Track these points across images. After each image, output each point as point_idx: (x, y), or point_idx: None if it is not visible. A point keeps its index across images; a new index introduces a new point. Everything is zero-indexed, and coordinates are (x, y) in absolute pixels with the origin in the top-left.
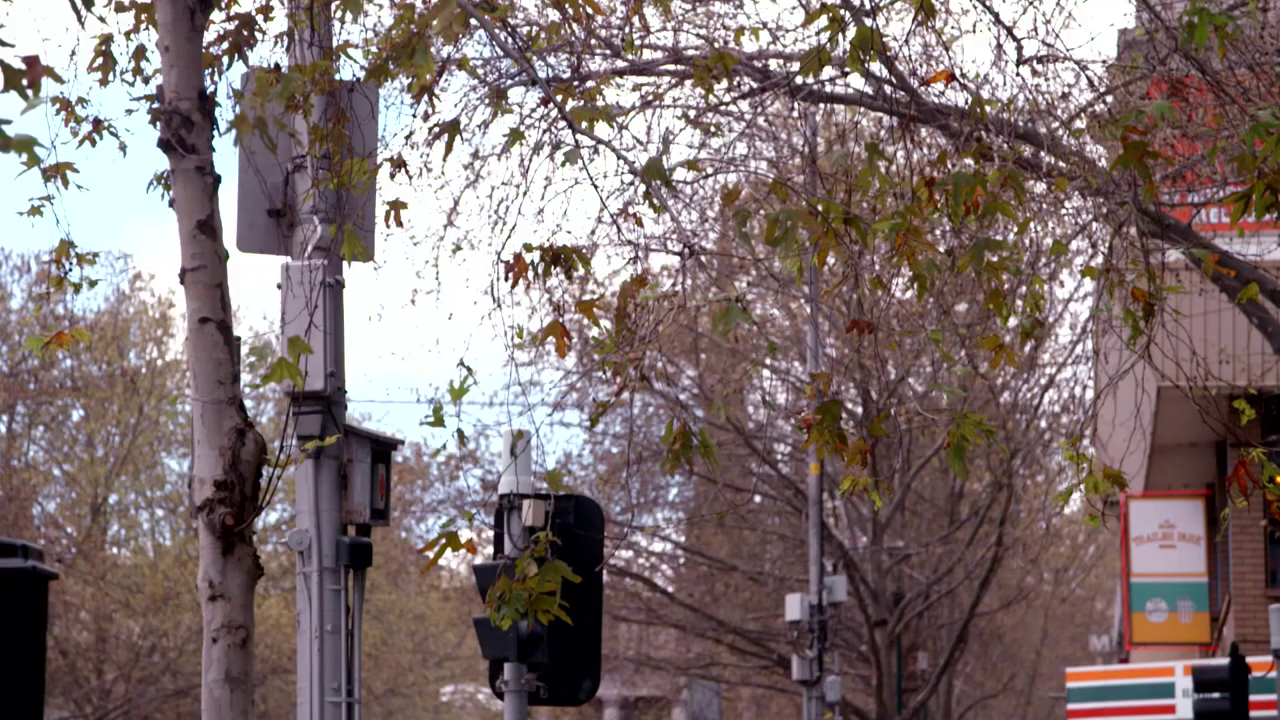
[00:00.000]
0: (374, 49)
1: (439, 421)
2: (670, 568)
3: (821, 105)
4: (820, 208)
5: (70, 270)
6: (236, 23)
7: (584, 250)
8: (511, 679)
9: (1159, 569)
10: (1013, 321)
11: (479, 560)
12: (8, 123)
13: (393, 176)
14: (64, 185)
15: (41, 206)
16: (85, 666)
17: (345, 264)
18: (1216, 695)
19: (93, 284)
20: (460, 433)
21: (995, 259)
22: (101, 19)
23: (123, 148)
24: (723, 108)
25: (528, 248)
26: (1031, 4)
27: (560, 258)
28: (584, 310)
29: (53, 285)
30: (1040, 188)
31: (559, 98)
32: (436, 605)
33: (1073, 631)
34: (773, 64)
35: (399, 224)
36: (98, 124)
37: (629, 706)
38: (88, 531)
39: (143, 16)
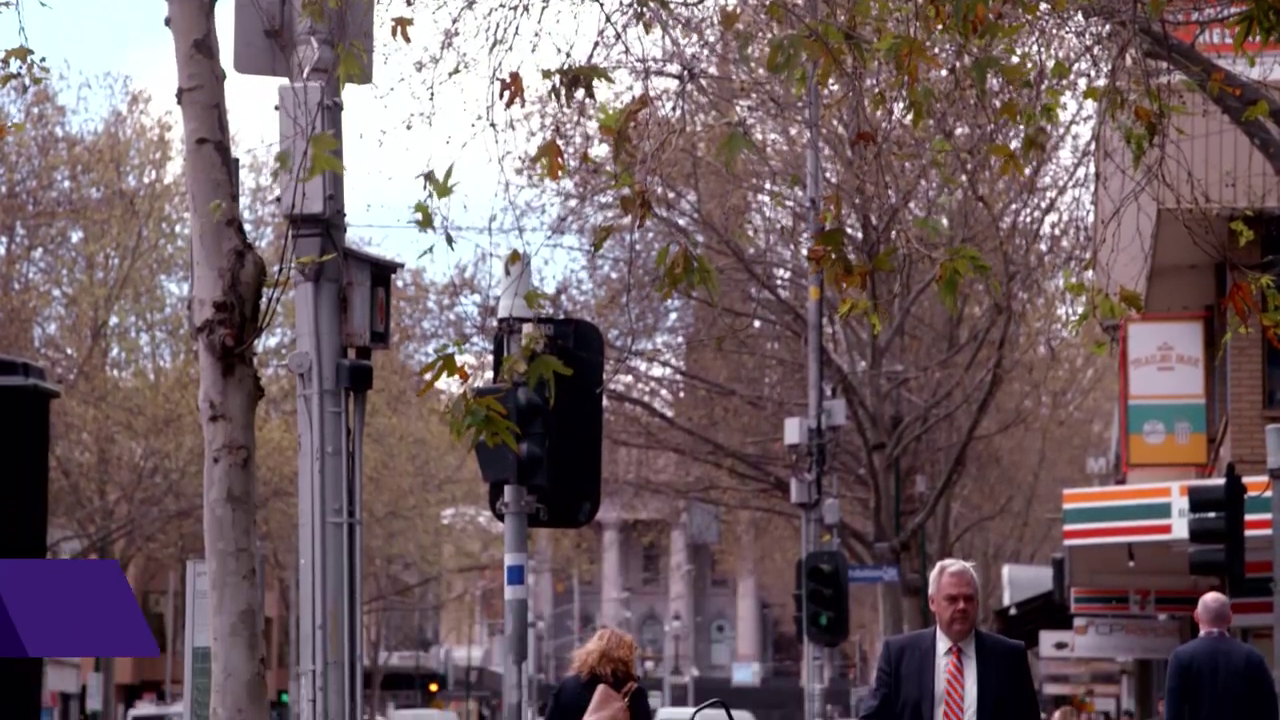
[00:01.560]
0: None
1: (426, 222)
2: (670, 392)
3: None
4: (819, 30)
5: (20, 72)
6: None
7: (600, 67)
8: (512, 501)
9: (1157, 391)
10: (1014, 145)
11: (479, 384)
12: None
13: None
14: None
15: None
16: (88, 487)
17: (342, 86)
18: (1212, 515)
19: (37, 81)
20: (448, 236)
21: (1011, 63)
22: None
23: None
24: None
25: (545, 74)
26: None
27: (579, 79)
28: (606, 132)
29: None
30: (1044, 6)
31: None
32: (437, 429)
33: (1070, 454)
34: None
35: (406, 39)
36: None
37: (628, 529)
38: (88, 353)
39: None
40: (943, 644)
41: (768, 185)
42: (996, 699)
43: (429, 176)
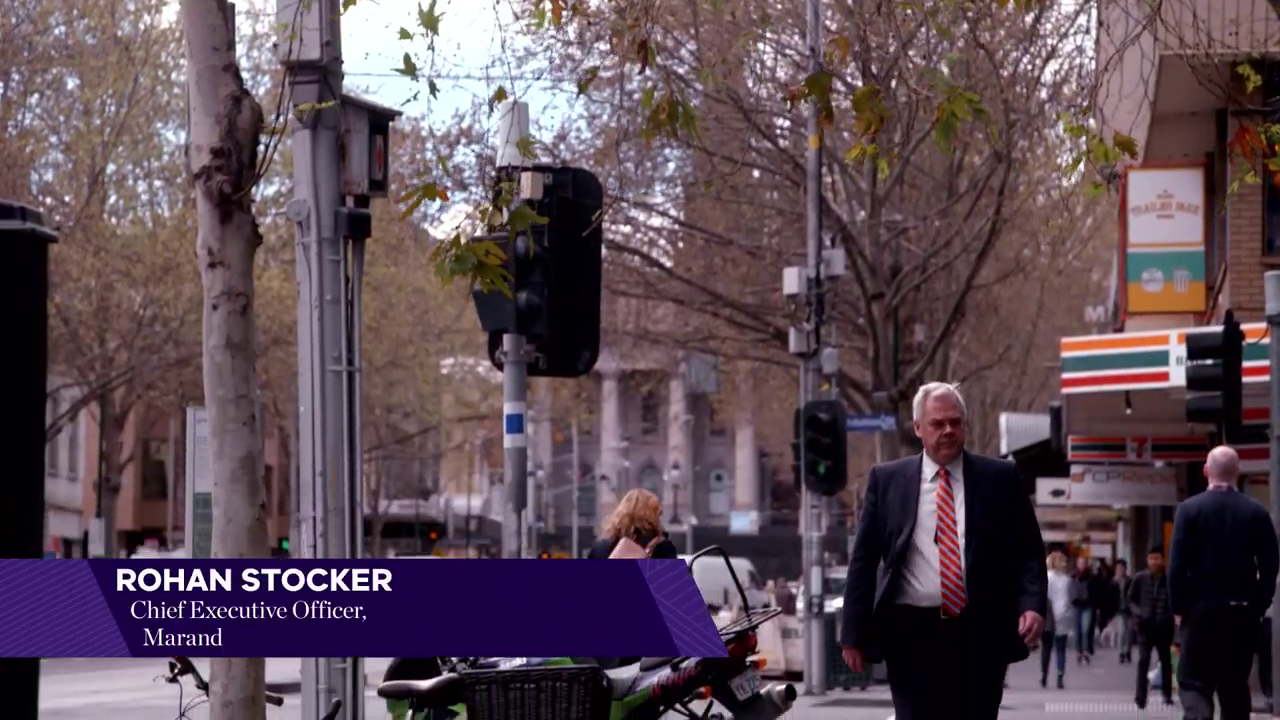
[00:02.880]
0: None
1: (409, 70)
2: (668, 242)
3: None
4: None
5: None
6: None
7: None
8: (511, 350)
9: (1156, 239)
10: None
11: (479, 232)
12: None
13: None
14: None
15: None
16: (87, 335)
17: None
18: (1210, 362)
19: None
20: (431, 83)
21: None
22: None
23: None
24: None
25: None
26: None
27: None
28: None
29: None
30: None
31: None
32: (436, 279)
33: (1069, 302)
34: None
35: None
36: None
37: (627, 379)
38: (86, 201)
39: None
40: (929, 469)
41: (765, 34)
42: (989, 520)
43: (423, 14)
